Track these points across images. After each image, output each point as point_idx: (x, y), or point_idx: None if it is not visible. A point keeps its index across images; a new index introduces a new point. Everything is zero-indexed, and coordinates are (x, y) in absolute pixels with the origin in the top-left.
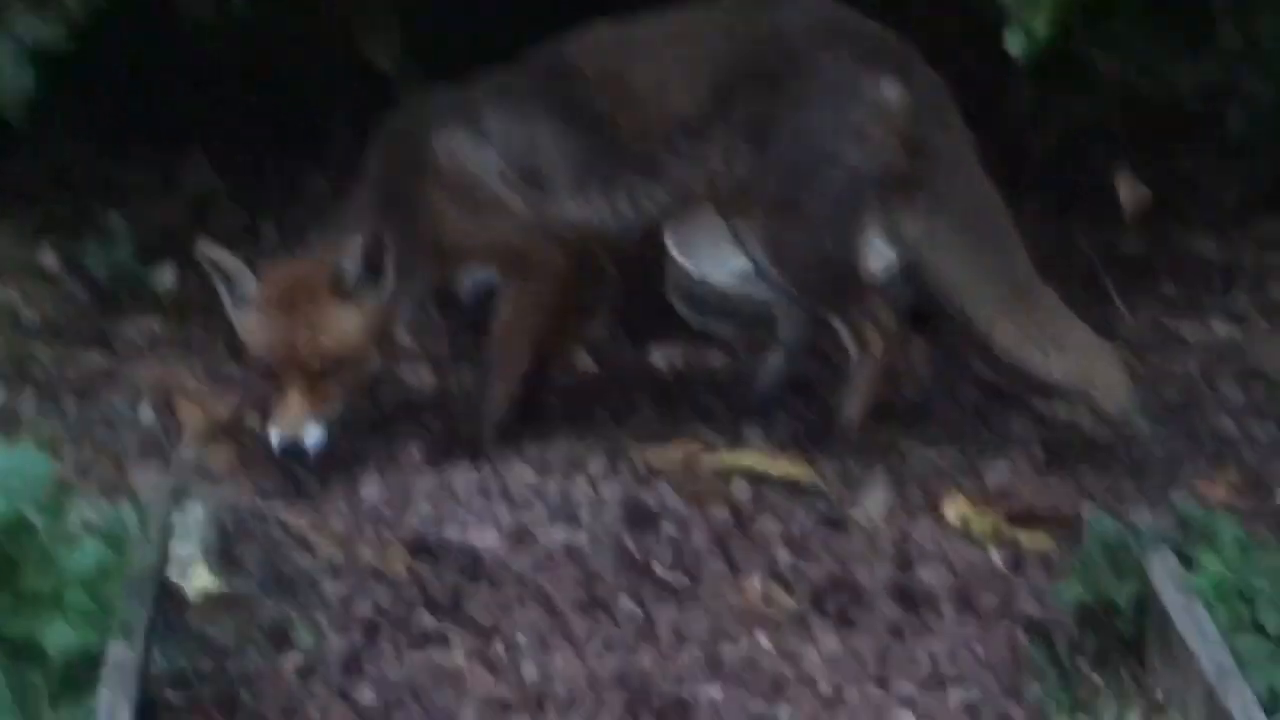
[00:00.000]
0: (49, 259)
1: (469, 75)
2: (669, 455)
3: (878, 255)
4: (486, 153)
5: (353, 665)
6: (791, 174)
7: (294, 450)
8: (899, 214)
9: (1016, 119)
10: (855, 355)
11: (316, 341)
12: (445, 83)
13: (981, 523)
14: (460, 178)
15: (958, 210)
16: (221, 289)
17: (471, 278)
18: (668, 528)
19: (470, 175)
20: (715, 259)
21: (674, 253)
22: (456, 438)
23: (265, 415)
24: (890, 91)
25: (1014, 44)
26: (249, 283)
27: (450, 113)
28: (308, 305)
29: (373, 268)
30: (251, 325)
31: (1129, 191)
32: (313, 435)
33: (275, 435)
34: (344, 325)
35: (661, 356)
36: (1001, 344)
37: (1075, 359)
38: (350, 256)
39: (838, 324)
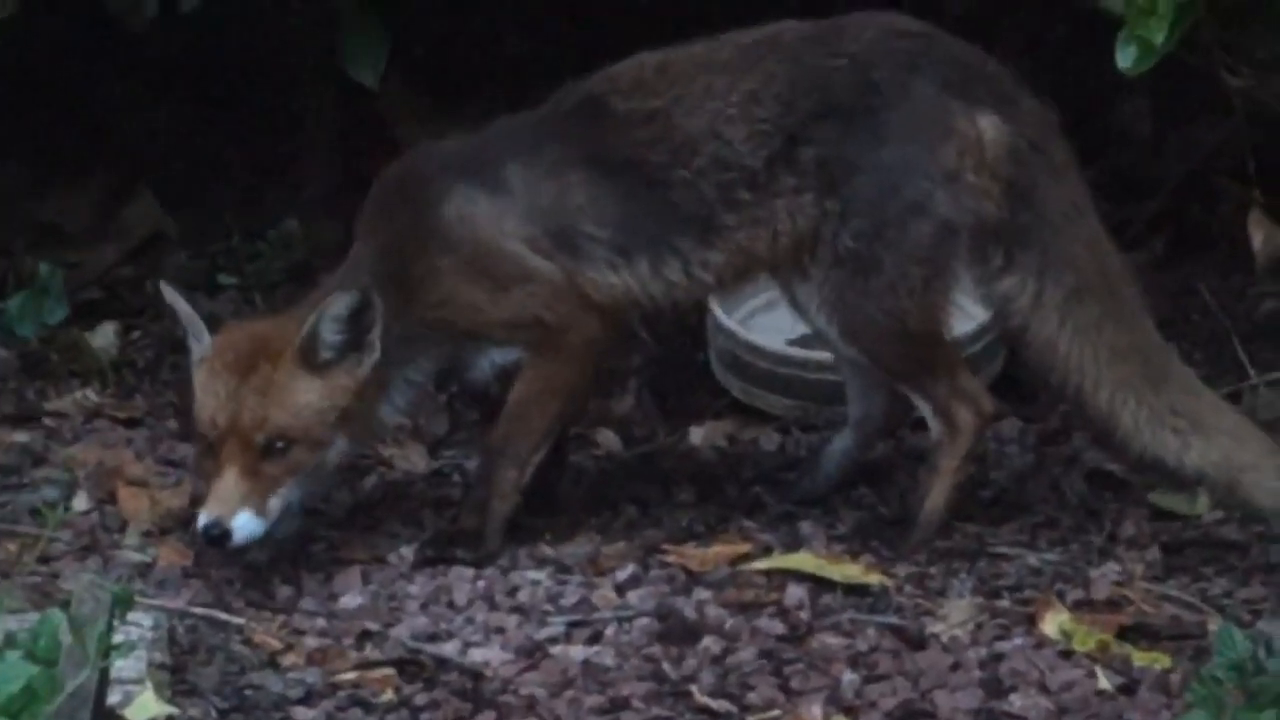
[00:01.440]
0: None
1: (467, 93)
2: (711, 556)
3: (966, 316)
4: (511, 215)
5: None
6: (869, 227)
7: (216, 537)
8: (998, 274)
9: (1130, 148)
10: (939, 437)
11: (264, 412)
12: (445, 116)
13: (1087, 639)
14: (476, 246)
15: (1071, 270)
16: (191, 345)
17: (488, 359)
18: (709, 643)
19: (488, 243)
20: (768, 320)
21: (718, 313)
22: (456, 534)
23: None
24: (987, 127)
25: (1126, 57)
26: (202, 336)
27: (464, 165)
28: (262, 369)
29: (357, 336)
30: (197, 385)
31: (1264, 235)
32: (243, 524)
33: (201, 515)
34: (301, 398)
35: (701, 436)
36: (1128, 429)
37: (1219, 445)
38: (330, 318)
39: (920, 401)
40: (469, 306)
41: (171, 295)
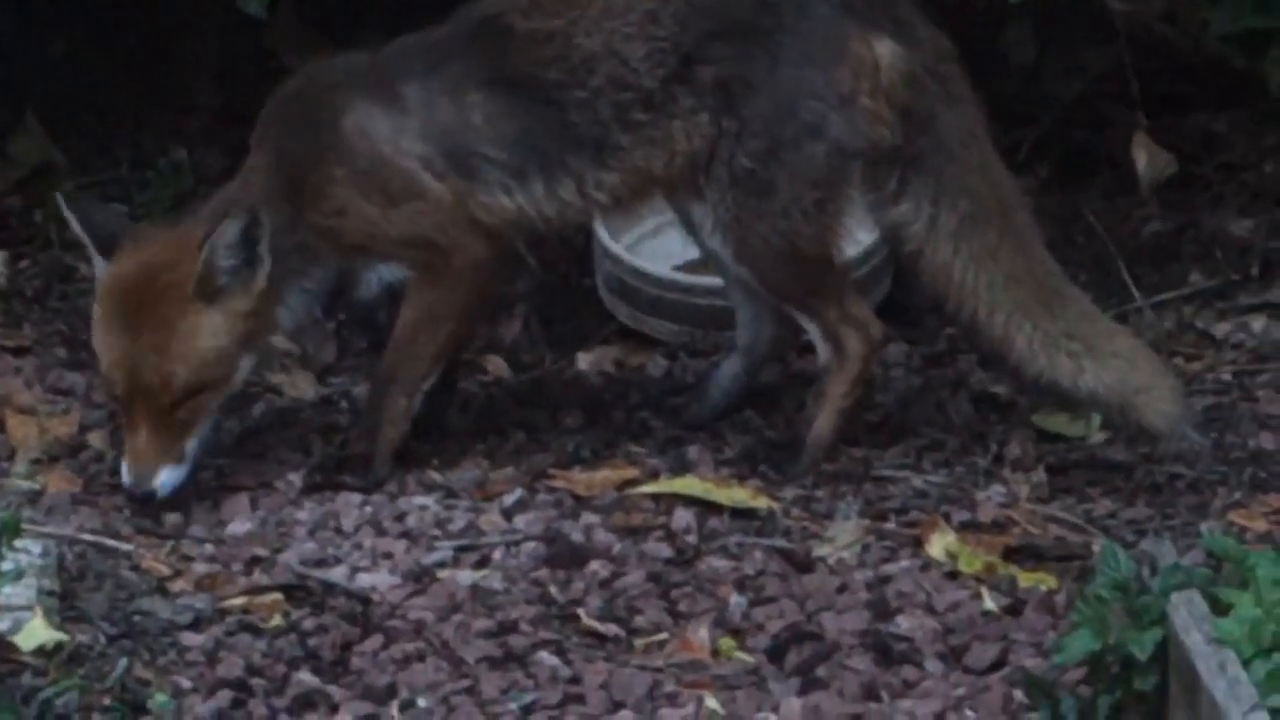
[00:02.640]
0: None
1: (357, 22)
2: (599, 480)
3: (851, 241)
4: (407, 133)
5: None
6: (765, 147)
7: (144, 496)
8: (892, 200)
9: (1014, 74)
10: (827, 361)
11: (167, 370)
12: (332, 47)
13: (973, 560)
14: (373, 161)
15: (966, 197)
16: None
17: (376, 274)
18: (597, 567)
19: (385, 159)
20: (655, 245)
21: (604, 238)
22: (344, 460)
23: (113, 433)
24: (884, 52)
25: None
26: (98, 267)
27: (364, 83)
28: (158, 318)
29: (249, 254)
30: (95, 328)
31: (1148, 159)
32: (166, 478)
33: (125, 475)
34: (204, 343)
35: (589, 362)
36: (1022, 353)
37: (1113, 367)
38: (223, 246)
39: (809, 324)
40: (360, 218)
41: (67, 211)
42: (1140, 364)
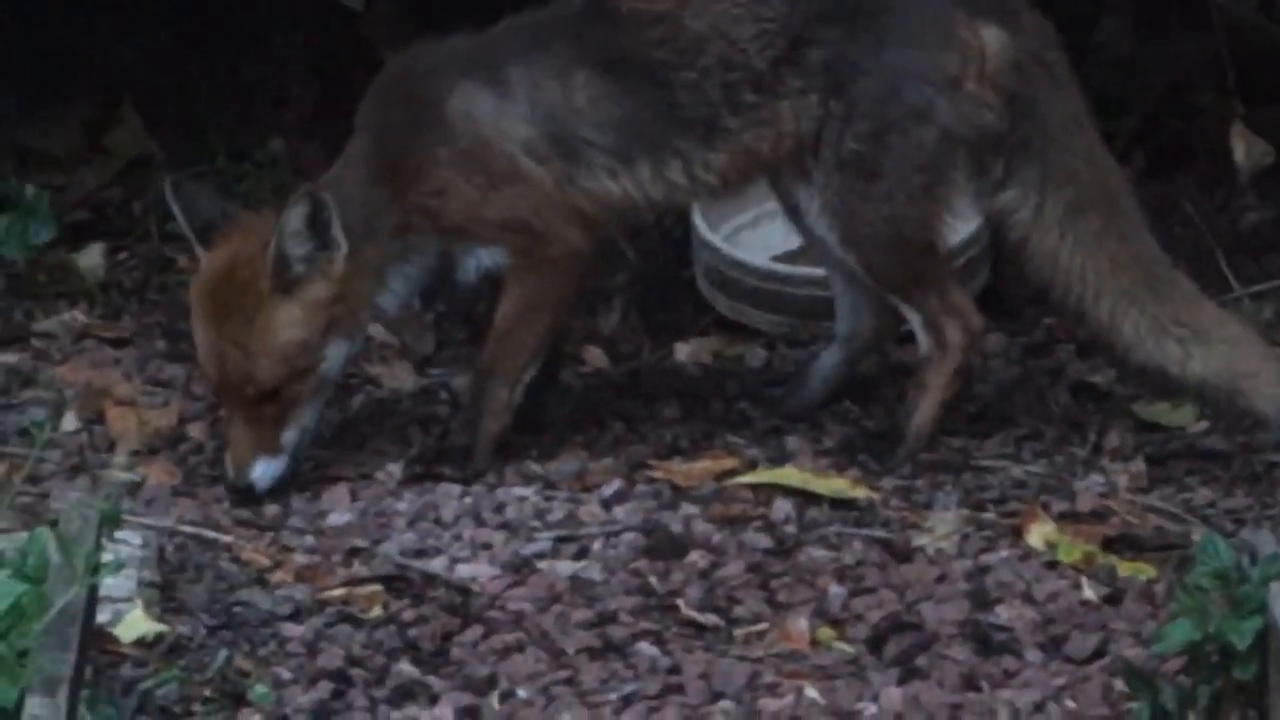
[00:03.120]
0: None
1: (452, 15)
2: (697, 471)
3: (955, 231)
4: (511, 116)
5: None
6: (872, 130)
7: (243, 492)
8: (998, 186)
9: (1111, 65)
10: (928, 352)
11: (247, 365)
12: (428, 29)
13: (1072, 550)
14: (475, 143)
15: (1071, 183)
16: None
17: (475, 258)
18: (696, 558)
19: (490, 141)
20: (753, 237)
21: (702, 229)
22: (444, 452)
23: (213, 424)
24: (990, 38)
25: None
26: (199, 254)
27: (468, 65)
28: (237, 313)
29: (322, 237)
30: (192, 325)
31: (1246, 149)
32: (262, 471)
33: (226, 470)
34: (281, 337)
35: (687, 353)
36: (1129, 339)
37: (1221, 353)
38: (290, 234)
39: (911, 313)
40: (461, 199)
41: (171, 198)
42: (1247, 349)
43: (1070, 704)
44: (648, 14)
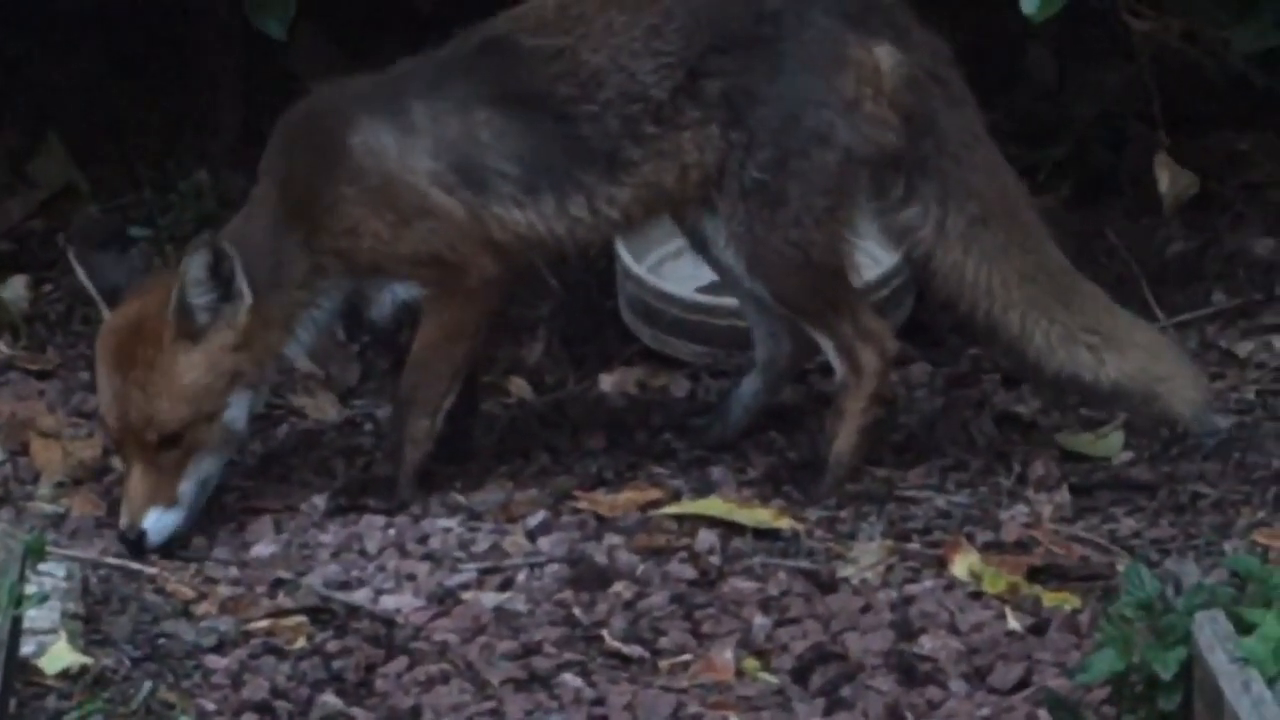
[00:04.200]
0: None
1: (372, 48)
2: (622, 502)
3: (872, 261)
4: (416, 150)
5: None
6: (774, 158)
7: (134, 543)
8: (899, 204)
9: (1036, 93)
10: (844, 378)
11: (149, 408)
12: (355, 64)
13: (997, 581)
14: (383, 179)
15: (972, 197)
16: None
17: (390, 293)
18: (620, 589)
19: (395, 176)
20: (677, 267)
21: (627, 260)
22: (368, 483)
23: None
24: (883, 56)
25: (1030, 4)
26: (102, 308)
27: (371, 102)
28: (140, 359)
29: (224, 288)
30: (95, 379)
31: (1170, 178)
32: (157, 521)
33: (120, 518)
34: (184, 379)
35: (612, 383)
36: (1041, 349)
37: (1135, 358)
38: (192, 282)
39: (824, 340)
40: (372, 237)
41: (75, 263)
42: (1161, 353)
43: None
44: (546, 48)
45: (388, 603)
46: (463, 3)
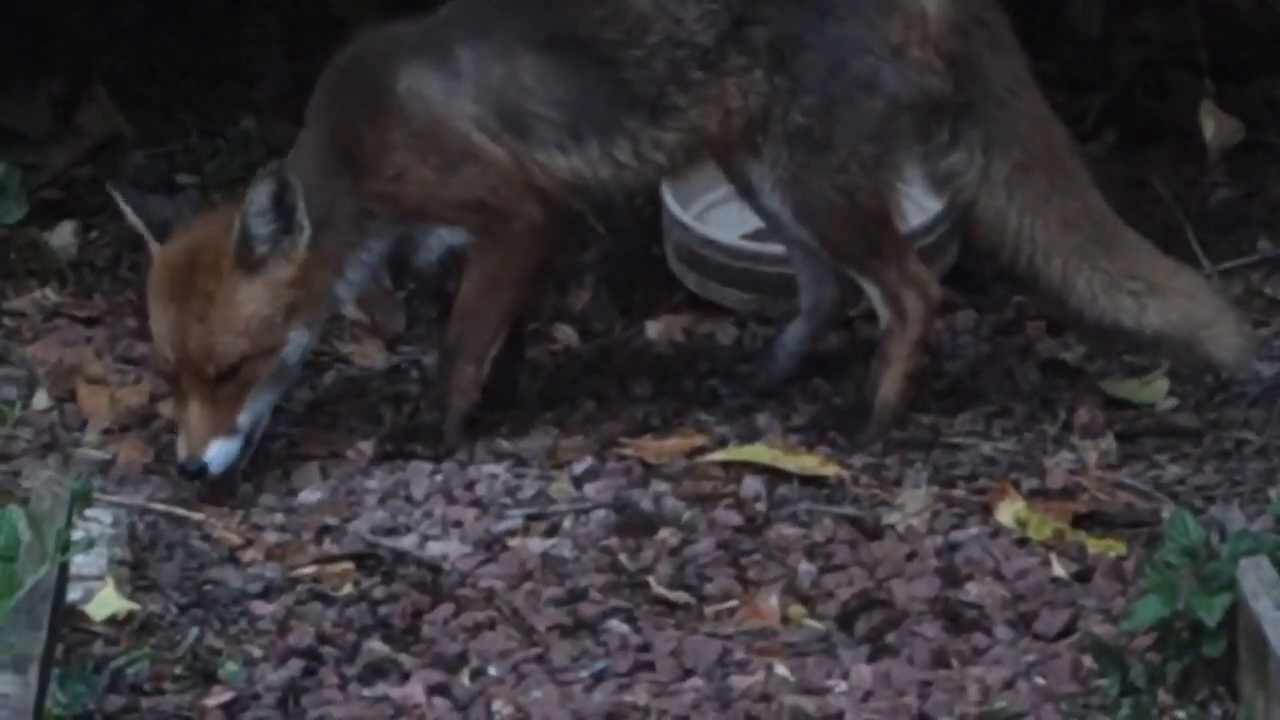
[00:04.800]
0: None
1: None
2: (668, 449)
3: (918, 208)
4: (460, 95)
5: (290, 703)
6: (819, 103)
7: (195, 473)
8: (944, 150)
9: (1081, 43)
10: (889, 326)
11: (209, 340)
12: (399, 12)
13: (1042, 527)
14: (429, 124)
15: (1016, 144)
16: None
17: (437, 238)
18: (666, 535)
19: (441, 121)
20: (723, 214)
21: (673, 207)
22: (414, 430)
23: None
24: (930, 3)
25: None
26: (151, 251)
27: (417, 47)
28: (199, 291)
29: (285, 219)
30: (148, 310)
31: (1215, 126)
32: (218, 452)
33: (178, 452)
34: (244, 311)
35: (658, 330)
36: (1083, 296)
37: (1176, 304)
38: (254, 213)
39: (869, 287)
40: (418, 182)
41: (121, 202)
42: (1203, 300)
43: (1040, 680)
44: None
45: (434, 549)
46: None
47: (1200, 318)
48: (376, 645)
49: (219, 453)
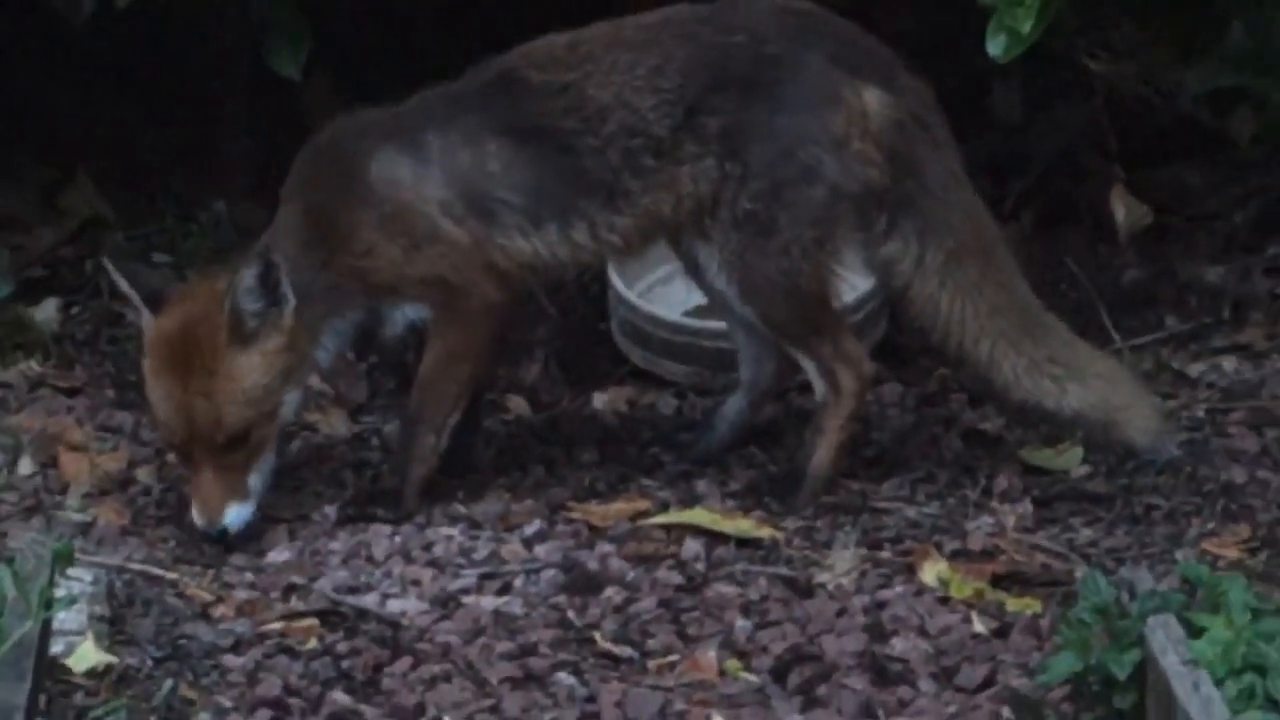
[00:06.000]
0: None
1: (384, 87)
2: (613, 512)
3: (849, 287)
4: (429, 180)
5: None
6: (766, 189)
7: (217, 535)
8: (881, 238)
9: (1001, 130)
10: (824, 398)
11: (217, 414)
12: (366, 99)
13: (963, 587)
14: (398, 206)
15: (950, 234)
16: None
17: (401, 313)
18: (611, 593)
19: (409, 204)
20: (666, 292)
21: (618, 285)
22: (375, 494)
23: (160, 468)
24: (871, 100)
25: (996, 46)
26: (145, 322)
27: (390, 133)
28: (200, 367)
29: (271, 294)
30: (148, 383)
31: (1126, 210)
32: (235, 516)
33: (196, 519)
34: (246, 383)
35: (604, 401)
36: (1008, 378)
37: (1095, 388)
38: (244, 292)
39: (806, 362)
40: (386, 259)
41: (114, 273)
42: (1120, 385)
43: None
44: (554, 84)
45: (394, 606)
46: (465, 49)
47: (1117, 401)
48: (340, 696)
49: (236, 516)
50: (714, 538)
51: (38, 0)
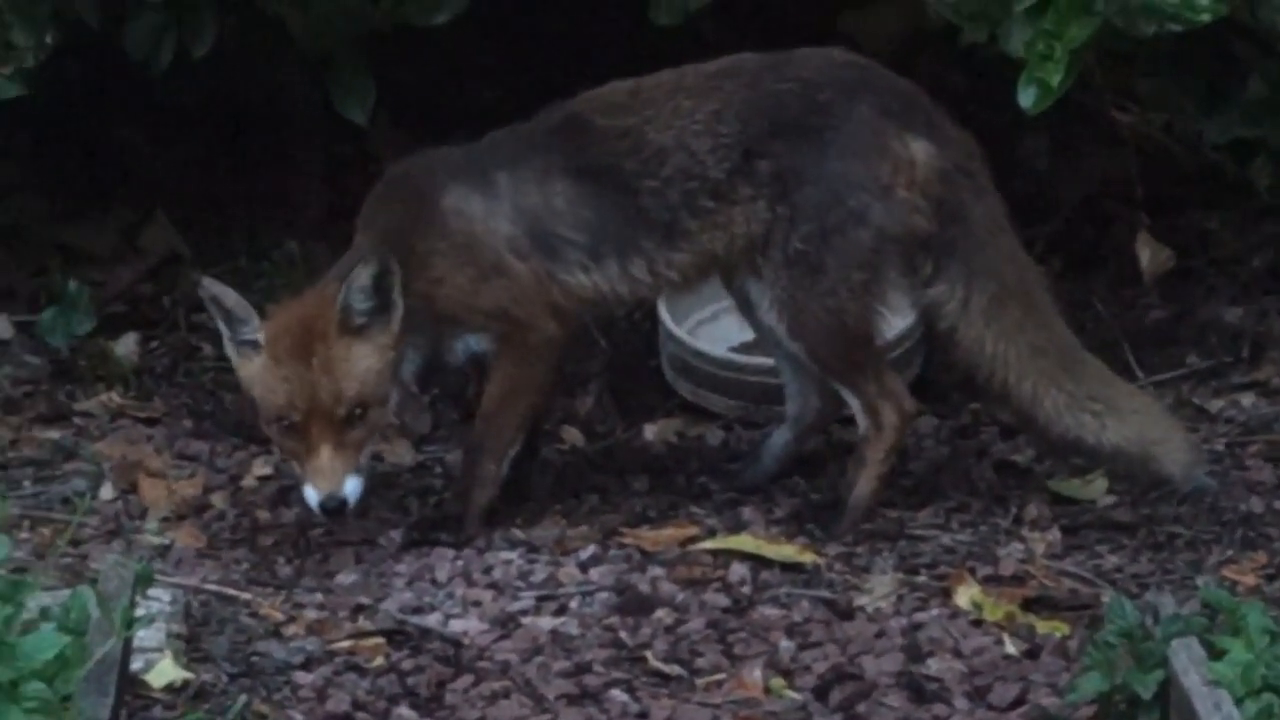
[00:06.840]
0: (4, 328)
1: (446, 132)
2: (663, 538)
3: (887, 325)
4: (498, 216)
5: None
6: (816, 231)
7: (337, 508)
8: (928, 282)
9: (1031, 178)
10: (866, 431)
11: (337, 387)
12: (427, 142)
13: (995, 610)
14: (468, 238)
15: (993, 278)
16: (224, 331)
17: (464, 344)
18: (662, 615)
19: (478, 237)
20: (713, 329)
21: (668, 322)
22: (438, 520)
23: (234, 494)
24: (918, 150)
25: (1027, 98)
26: (254, 326)
27: (461, 170)
28: (318, 350)
29: (383, 299)
30: (263, 377)
31: (1150, 254)
32: (352, 488)
33: (313, 493)
34: (362, 364)
35: (654, 433)
36: (1049, 415)
37: (1133, 423)
38: (357, 289)
39: (851, 398)
40: (455, 288)
41: (216, 287)
42: (1156, 420)
43: None
44: (617, 128)
45: (456, 626)
46: (521, 95)
47: (1153, 435)
48: (405, 712)
49: (353, 488)
50: (759, 562)
51: (120, 49)
